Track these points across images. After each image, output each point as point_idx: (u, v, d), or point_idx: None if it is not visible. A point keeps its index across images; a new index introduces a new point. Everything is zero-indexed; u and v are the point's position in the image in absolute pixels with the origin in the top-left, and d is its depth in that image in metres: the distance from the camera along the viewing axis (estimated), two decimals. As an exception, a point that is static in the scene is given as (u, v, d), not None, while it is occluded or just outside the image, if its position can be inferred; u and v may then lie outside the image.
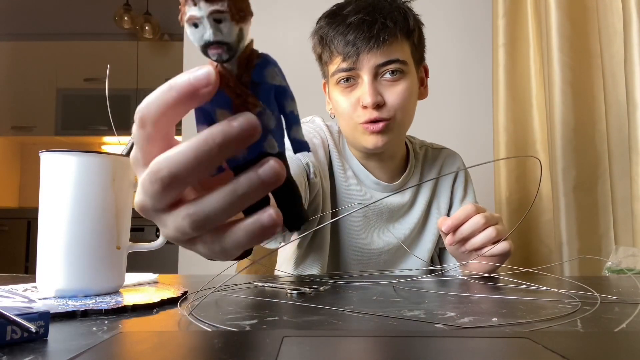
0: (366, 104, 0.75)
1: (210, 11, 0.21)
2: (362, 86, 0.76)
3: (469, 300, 0.46)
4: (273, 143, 0.24)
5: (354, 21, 0.74)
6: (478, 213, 0.66)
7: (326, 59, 0.80)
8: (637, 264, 0.83)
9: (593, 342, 0.28)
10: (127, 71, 3.17)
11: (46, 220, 0.45)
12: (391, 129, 0.77)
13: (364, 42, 0.73)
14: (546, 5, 1.20)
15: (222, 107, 0.23)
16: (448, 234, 0.68)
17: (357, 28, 0.74)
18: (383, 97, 0.76)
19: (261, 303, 0.45)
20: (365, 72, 0.75)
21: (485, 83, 1.55)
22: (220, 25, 0.22)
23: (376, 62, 0.74)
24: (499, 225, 0.67)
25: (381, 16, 0.74)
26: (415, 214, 0.88)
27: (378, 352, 0.25)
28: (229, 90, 0.23)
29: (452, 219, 0.66)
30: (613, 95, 1.08)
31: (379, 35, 0.73)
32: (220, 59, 0.23)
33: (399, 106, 0.76)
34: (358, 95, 0.77)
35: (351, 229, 0.84)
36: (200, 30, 0.22)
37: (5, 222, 2.92)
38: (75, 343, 0.29)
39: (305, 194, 0.71)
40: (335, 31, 0.76)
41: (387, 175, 0.87)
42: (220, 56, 0.23)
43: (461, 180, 0.92)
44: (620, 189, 1.06)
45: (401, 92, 0.76)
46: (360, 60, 0.74)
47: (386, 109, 0.76)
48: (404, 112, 0.78)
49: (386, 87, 0.76)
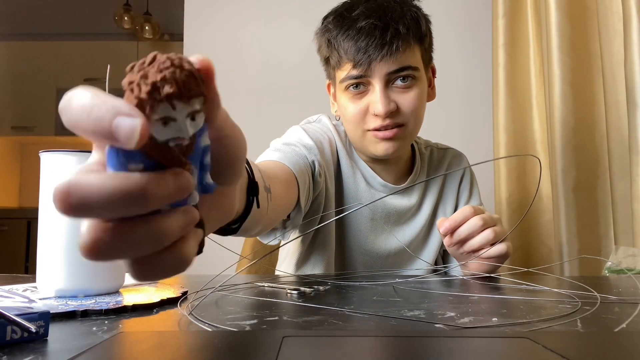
0: (378, 113, 0.73)
1: (189, 112, 0.20)
2: (373, 94, 0.74)
3: (469, 300, 0.46)
4: (195, 196, 0.23)
5: (365, 26, 0.71)
6: (476, 215, 0.66)
7: (334, 63, 0.77)
8: (637, 264, 0.83)
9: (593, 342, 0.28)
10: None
11: (46, 220, 0.45)
12: (403, 136, 0.76)
13: (376, 50, 0.70)
14: (546, 5, 1.20)
15: (138, 164, 0.20)
16: (446, 236, 0.68)
17: (368, 34, 0.71)
18: (396, 103, 0.74)
19: (261, 303, 0.45)
20: (376, 79, 0.73)
21: (485, 83, 1.55)
22: (194, 121, 0.21)
23: (388, 70, 0.72)
24: (497, 227, 0.66)
25: (393, 21, 0.71)
26: (422, 217, 0.87)
27: (378, 352, 0.25)
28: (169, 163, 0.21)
29: (450, 220, 0.66)
30: (613, 95, 1.08)
31: (392, 43, 0.70)
32: (181, 147, 0.21)
33: (411, 113, 0.75)
34: (367, 102, 0.75)
35: (358, 232, 0.84)
36: (172, 129, 0.20)
37: (5, 222, 2.92)
38: (75, 343, 0.29)
39: (308, 192, 0.71)
40: (344, 35, 0.73)
41: (394, 177, 0.86)
42: (182, 145, 0.21)
43: (467, 182, 0.91)
44: (620, 189, 1.06)
45: (413, 99, 0.75)
46: (372, 68, 0.72)
47: (399, 115, 0.74)
48: (416, 118, 0.76)
49: (398, 93, 0.74)
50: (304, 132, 0.79)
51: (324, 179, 0.77)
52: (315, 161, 0.74)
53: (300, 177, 0.65)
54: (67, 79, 3.18)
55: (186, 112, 0.20)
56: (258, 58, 1.70)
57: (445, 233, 0.67)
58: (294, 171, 0.65)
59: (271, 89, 1.68)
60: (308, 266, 0.83)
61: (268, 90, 1.68)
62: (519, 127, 1.35)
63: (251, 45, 1.71)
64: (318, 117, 0.89)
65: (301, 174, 0.66)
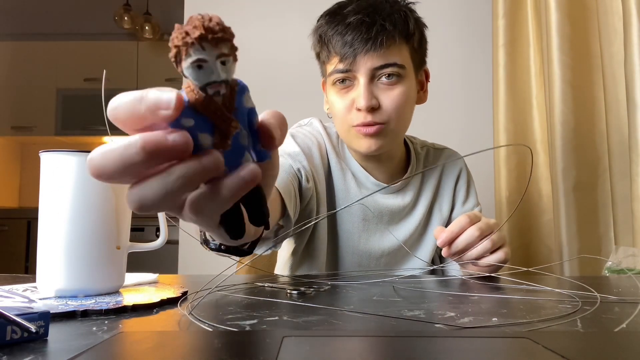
0: (360, 107, 0.74)
1: (217, 54, 0.24)
2: (358, 88, 0.75)
3: (469, 300, 0.46)
4: (248, 157, 0.27)
5: (353, 22, 0.73)
6: (472, 224, 0.66)
7: (324, 58, 0.79)
8: (637, 264, 0.83)
9: (593, 342, 0.28)
10: (127, 71, 3.17)
11: (46, 220, 0.45)
12: (385, 133, 0.76)
13: (361, 44, 0.72)
14: (546, 5, 1.20)
15: (204, 131, 0.25)
16: (443, 247, 0.68)
17: (355, 29, 0.72)
18: (378, 100, 0.74)
19: (261, 303, 0.45)
20: (361, 74, 0.74)
21: (485, 83, 1.55)
22: (225, 66, 0.24)
23: (373, 65, 0.73)
24: (494, 234, 0.66)
25: (380, 18, 0.73)
26: (416, 217, 0.87)
27: (378, 352, 0.25)
28: (215, 117, 0.25)
29: (447, 232, 0.66)
30: (613, 95, 1.08)
31: (377, 38, 0.72)
32: (218, 94, 0.25)
33: (393, 111, 0.75)
34: (353, 97, 0.76)
35: (351, 233, 0.84)
36: (206, 72, 0.24)
37: (5, 222, 2.92)
38: (75, 343, 0.29)
39: (295, 200, 0.70)
40: (334, 31, 0.75)
41: (387, 176, 0.86)
42: (219, 92, 0.25)
43: (463, 183, 0.91)
44: (620, 189, 1.06)
45: (397, 97, 0.75)
46: (357, 62, 0.73)
47: (380, 113, 0.75)
48: (399, 116, 0.76)
49: (382, 90, 0.75)
50: (290, 139, 0.80)
51: (312, 184, 0.77)
52: (300, 168, 0.75)
53: (284, 191, 0.64)
54: (67, 79, 3.18)
55: (215, 54, 0.23)
56: (258, 58, 1.70)
57: (442, 245, 0.67)
58: (276, 186, 0.64)
59: (271, 88, 1.68)
60: (303, 270, 0.84)
61: (268, 90, 1.68)
62: (519, 127, 1.35)
63: (251, 45, 1.71)
64: (309, 120, 0.90)
65: (285, 188, 0.65)
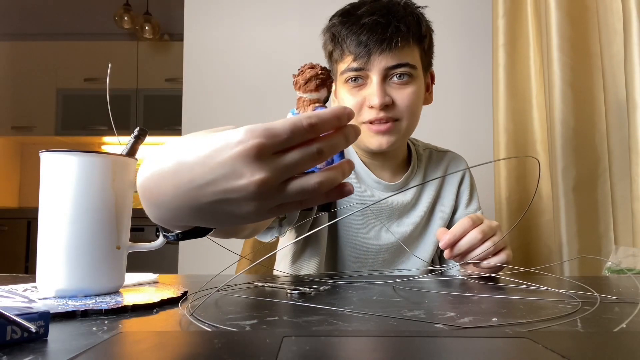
0: (374, 104, 0.76)
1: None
2: (371, 86, 0.77)
3: (469, 300, 0.46)
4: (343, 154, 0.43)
5: (368, 22, 0.75)
6: (475, 226, 0.66)
7: (337, 57, 0.81)
8: (637, 264, 0.83)
9: (593, 342, 0.28)
10: (127, 71, 3.17)
11: (46, 220, 0.45)
12: (397, 130, 0.78)
13: (376, 44, 0.74)
14: (546, 5, 1.20)
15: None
16: (446, 249, 0.68)
17: (370, 29, 0.75)
18: (391, 97, 0.77)
19: (261, 303, 0.45)
20: (374, 73, 0.76)
21: (485, 83, 1.55)
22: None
23: (387, 64, 0.76)
24: (496, 236, 0.67)
25: (395, 19, 0.75)
26: (417, 214, 0.88)
27: (378, 352, 0.25)
28: None
29: (450, 234, 0.66)
30: (613, 95, 1.08)
31: (392, 38, 0.74)
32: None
33: (406, 108, 0.77)
34: (365, 94, 0.77)
35: (349, 227, 0.85)
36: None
37: (5, 222, 2.92)
38: (75, 343, 0.29)
39: None
40: (348, 30, 0.77)
41: (389, 174, 0.87)
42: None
43: (466, 185, 0.92)
44: (620, 189, 1.06)
45: (409, 95, 0.77)
46: (371, 61, 0.75)
47: (394, 110, 0.77)
48: (411, 114, 0.79)
49: (394, 89, 0.77)
50: None
51: None
52: None
53: None
54: (67, 79, 3.18)
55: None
56: (258, 58, 1.70)
57: (445, 247, 0.67)
58: None
59: (271, 88, 1.68)
60: (302, 262, 0.84)
61: (268, 90, 1.68)
62: (519, 127, 1.35)
63: (251, 45, 1.71)
64: None
65: None
